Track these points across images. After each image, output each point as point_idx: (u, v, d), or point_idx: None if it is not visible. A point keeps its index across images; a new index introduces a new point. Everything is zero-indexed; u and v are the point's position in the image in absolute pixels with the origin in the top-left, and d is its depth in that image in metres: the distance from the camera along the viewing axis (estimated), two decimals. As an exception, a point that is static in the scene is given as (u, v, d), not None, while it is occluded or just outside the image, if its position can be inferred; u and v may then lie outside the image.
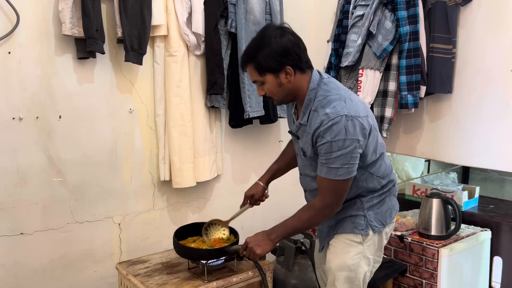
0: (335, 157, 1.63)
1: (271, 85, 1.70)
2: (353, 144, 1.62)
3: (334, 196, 1.73)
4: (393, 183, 1.92)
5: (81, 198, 2.26)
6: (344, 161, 1.64)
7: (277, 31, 1.67)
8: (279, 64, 1.65)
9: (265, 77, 1.69)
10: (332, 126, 1.61)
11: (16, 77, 2.02)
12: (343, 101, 1.66)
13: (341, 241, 1.87)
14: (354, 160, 1.66)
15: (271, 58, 1.64)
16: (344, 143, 1.61)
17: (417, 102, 2.56)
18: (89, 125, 2.25)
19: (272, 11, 2.64)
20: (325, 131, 1.63)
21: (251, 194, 2.08)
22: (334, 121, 1.61)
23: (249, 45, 1.75)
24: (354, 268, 1.84)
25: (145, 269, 2.13)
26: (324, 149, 1.65)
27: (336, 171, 1.65)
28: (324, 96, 1.69)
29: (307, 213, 1.77)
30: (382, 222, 1.86)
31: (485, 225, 2.84)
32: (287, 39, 1.66)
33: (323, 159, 1.67)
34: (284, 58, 1.65)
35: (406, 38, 2.50)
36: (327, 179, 1.68)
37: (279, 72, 1.67)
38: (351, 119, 1.62)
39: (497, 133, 2.50)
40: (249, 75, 1.74)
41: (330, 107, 1.64)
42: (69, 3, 2.02)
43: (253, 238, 1.82)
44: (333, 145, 1.62)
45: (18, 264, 2.12)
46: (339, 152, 1.62)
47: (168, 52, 2.37)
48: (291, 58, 1.66)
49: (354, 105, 1.67)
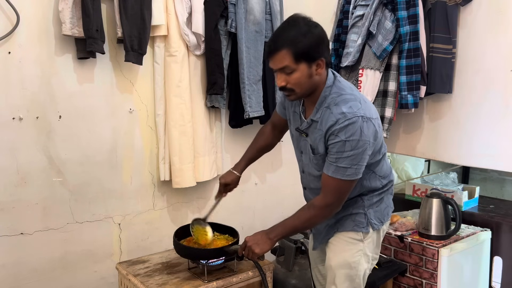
0: (346, 156, 1.62)
1: (302, 75, 1.62)
2: (365, 145, 1.62)
3: (337, 196, 1.72)
4: (392, 183, 1.94)
5: (81, 198, 2.26)
6: (354, 162, 1.63)
7: (311, 22, 1.64)
8: (317, 54, 1.61)
9: (298, 66, 1.61)
10: (348, 125, 1.60)
11: (16, 77, 2.02)
12: (358, 102, 1.65)
13: (342, 239, 1.87)
14: (363, 162, 1.66)
15: (313, 46, 1.59)
16: (358, 144, 1.61)
17: (417, 102, 2.56)
18: (89, 125, 2.25)
19: (272, 11, 2.64)
20: (340, 130, 1.61)
21: (227, 182, 2.06)
22: (350, 121, 1.60)
23: (283, 30, 1.63)
24: (355, 265, 1.84)
25: (145, 269, 2.13)
26: (336, 147, 1.64)
27: (344, 171, 1.64)
28: (338, 94, 1.68)
29: (307, 212, 1.76)
30: (381, 220, 1.88)
31: (485, 225, 2.84)
32: (321, 30, 1.64)
33: (332, 158, 1.66)
34: (322, 49, 1.62)
35: (406, 38, 2.50)
36: (333, 178, 1.67)
37: (314, 62, 1.62)
38: (366, 121, 1.61)
39: (497, 133, 2.50)
40: (277, 61, 1.61)
41: (346, 107, 1.63)
42: (69, 3, 2.02)
43: (252, 237, 1.81)
44: (346, 145, 1.61)
45: (18, 264, 2.12)
46: (351, 152, 1.62)
47: (168, 52, 2.37)
48: (326, 50, 1.65)
49: (368, 107, 1.68)
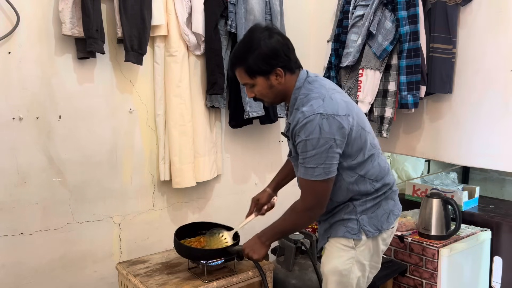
0: (310, 156, 1.60)
1: (262, 88, 1.68)
2: (328, 143, 1.58)
3: (314, 198, 1.68)
4: (389, 186, 1.81)
5: (81, 198, 2.26)
6: (319, 161, 1.59)
7: (265, 32, 1.64)
8: (270, 66, 1.63)
9: (255, 80, 1.66)
10: (306, 124, 1.58)
11: (16, 77, 2.02)
12: (321, 100, 1.62)
13: (334, 245, 1.81)
14: (331, 160, 1.61)
15: (261, 61, 1.62)
16: (319, 142, 1.57)
17: (417, 102, 2.56)
18: (89, 125, 2.25)
19: (272, 11, 2.64)
20: (300, 129, 1.60)
21: (257, 198, 2.07)
22: (308, 119, 1.58)
23: (237, 48, 1.71)
24: (346, 273, 1.77)
25: (145, 269, 2.13)
26: (300, 147, 1.62)
27: (313, 171, 1.61)
28: (305, 95, 1.67)
29: (290, 215, 1.75)
30: (377, 227, 1.77)
31: (485, 225, 2.84)
32: (276, 40, 1.64)
33: (300, 159, 1.64)
34: (274, 60, 1.63)
35: (406, 38, 2.50)
36: (305, 180, 1.65)
37: (270, 74, 1.65)
38: (326, 118, 1.57)
39: (497, 133, 2.50)
40: (239, 78, 1.71)
41: (308, 105, 1.61)
42: (69, 3, 2.02)
43: (248, 244, 1.83)
44: (308, 144, 1.59)
45: (18, 264, 2.12)
46: (314, 151, 1.59)
47: (168, 52, 2.37)
48: (281, 59, 1.64)
49: (334, 104, 1.62)
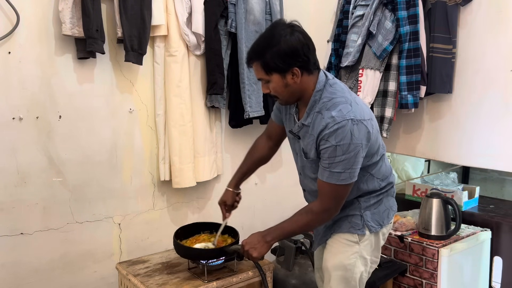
0: (338, 161, 1.60)
1: (277, 85, 1.65)
2: (357, 148, 1.59)
3: (334, 201, 1.70)
4: (391, 184, 1.89)
5: (81, 198, 2.26)
6: (347, 166, 1.61)
7: (287, 29, 1.60)
8: (287, 65, 1.60)
9: (271, 76, 1.63)
10: (338, 130, 1.58)
11: (16, 77, 2.02)
12: (349, 104, 1.62)
13: (338, 240, 1.85)
14: (357, 165, 1.63)
15: (279, 59, 1.58)
16: (349, 148, 1.58)
17: (417, 102, 2.56)
18: (89, 125, 2.25)
19: (272, 11, 2.64)
20: (330, 135, 1.59)
21: (223, 201, 2.05)
22: (340, 125, 1.58)
23: (257, 42, 1.66)
24: (350, 268, 1.82)
25: (145, 269, 2.13)
26: (328, 152, 1.62)
27: (338, 176, 1.62)
28: (329, 98, 1.66)
29: (305, 217, 1.74)
30: (379, 223, 1.84)
31: (485, 225, 2.84)
32: (297, 38, 1.59)
33: (325, 163, 1.64)
34: (292, 59, 1.59)
35: (406, 38, 2.50)
36: (328, 183, 1.65)
37: (286, 72, 1.61)
38: (357, 123, 1.58)
39: (497, 133, 2.50)
40: (255, 72, 1.68)
41: (336, 110, 1.60)
42: (69, 3, 2.02)
43: (249, 241, 1.80)
44: (338, 149, 1.59)
45: (18, 264, 2.12)
46: (343, 157, 1.59)
47: (168, 52, 2.37)
48: (299, 59, 1.60)
49: (360, 108, 1.64)
